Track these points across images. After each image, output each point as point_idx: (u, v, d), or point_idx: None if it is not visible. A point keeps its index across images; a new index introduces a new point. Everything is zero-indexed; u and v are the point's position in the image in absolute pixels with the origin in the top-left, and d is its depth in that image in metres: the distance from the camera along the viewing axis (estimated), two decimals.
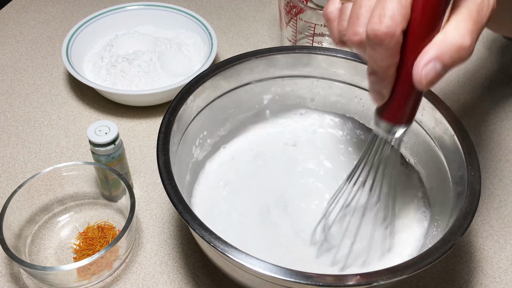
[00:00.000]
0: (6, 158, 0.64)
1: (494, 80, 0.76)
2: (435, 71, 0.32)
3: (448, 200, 0.46)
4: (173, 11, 0.80)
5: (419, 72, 0.32)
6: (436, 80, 0.32)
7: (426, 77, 0.32)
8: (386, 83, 0.35)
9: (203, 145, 0.55)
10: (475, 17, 0.32)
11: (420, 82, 0.32)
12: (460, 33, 0.31)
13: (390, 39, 0.32)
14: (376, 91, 0.36)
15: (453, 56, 0.31)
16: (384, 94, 0.36)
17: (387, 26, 0.31)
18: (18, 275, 0.52)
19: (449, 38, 0.31)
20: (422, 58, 0.32)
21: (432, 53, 0.32)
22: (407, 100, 0.36)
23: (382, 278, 0.36)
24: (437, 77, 0.32)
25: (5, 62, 0.78)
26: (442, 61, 0.31)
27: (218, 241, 0.38)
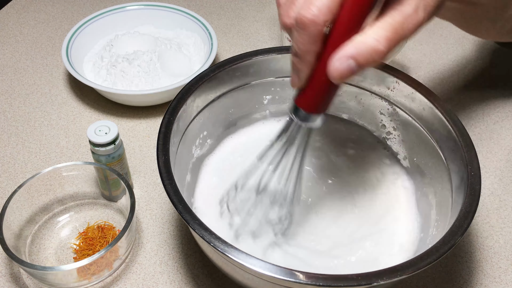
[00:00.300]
0: (6, 158, 0.64)
1: (494, 80, 0.76)
2: (348, 67, 0.35)
3: (448, 200, 0.46)
4: (173, 11, 0.80)
5: (333, 64, 0.35)
6: (348, 76, 0.35)
7: (338, 71, 0.35)
8: (304, 67, 0.38)
9: (203, 145, 0.55)
10: (396, 28, 0.34)
11: (332, 74, 0.35)
12: (377, 38, 0.34)
13: (313, 26, 0.35)
14: (295, 72, 0.39)
15: (366, 57, 0.34)
16: (301, 77, 0.39)
17: (313, 14, 0.35)
18: (18, 275, 0.52)
19: (367, 40, 0.34)
20: (339, 53, 0.35)
21: (349, 50, 0.34)
22: (321, 90, 0.39)
23: (382, 278, 0.36)
24: (350, 73, 0.35)
25: (5, 62, 0.78)
26: (356, 59, 0.34)
27: (218, 241, 0.38)
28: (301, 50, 0.37)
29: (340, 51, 0.35)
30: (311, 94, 0.40)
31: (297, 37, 0.37)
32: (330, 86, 0.38)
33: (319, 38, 0.36)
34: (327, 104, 0.40)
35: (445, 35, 0.85)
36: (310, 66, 0.38)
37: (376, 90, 0.54)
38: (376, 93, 0.54)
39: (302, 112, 0.41)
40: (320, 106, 0.40)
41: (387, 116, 0.55)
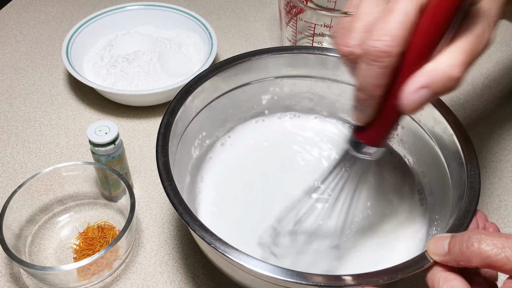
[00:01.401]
0: (6, 158, 0.64)
1: (494, 80, 0.76)
2: (423, 97, 0.33)
3: (448, 199, 0.46)
4: (173, 11, 0.80)
5: (409, 96, 0.33)
6: (421, 106, 0.33)
7: (414, 103, 0.33)
8: (371, 102, 0.35)
9: (202, 145, 0.55)
10: (469, 50, 0.33)
11: (407, 106, 0.33)
12: (452, 64, 0.32)
13: (387, 57, 0.32)
14: (360, 109, 0.37)
15: (442, 85, 0.32)
16: (368, 114, 0.37)
17: (387, 45, 0.32)
18: (18, 275, 0.52)
19: (441, 67, 0.32)
20: (413, 84, 0.33)
21: (422, 80, 0.32)
22: (388, 124, 0.37)
23: (382, 278, 0.36)
24: (423, 103, 0.33)
25: (5, 62, 0.78)
26: (432, 89, 0.32)
27: (219, 243, 0.38)
28: (370, 84, 0.34)
29: (411, 81, 0.33)
30: (376, 128, 0.37)
31: (367, 70, 0.33)
32: (397, 119, 0.37)
33: (391, 70, 0.33)
34: (389, 136, 0.39)
35: None
36: (377, 103, 0.35)
37: None
38: None
39: (363, 146, 0.39)
40: (384, 139, 0.39)
41: None
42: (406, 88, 0.33)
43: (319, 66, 0.55)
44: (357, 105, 0.37)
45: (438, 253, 0.36)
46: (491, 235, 0.33)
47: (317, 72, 0.56)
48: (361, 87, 0.35)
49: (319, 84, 0.57)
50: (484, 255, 0.33)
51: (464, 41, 0.33)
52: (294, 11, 0.70)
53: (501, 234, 0.33)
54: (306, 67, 0.55)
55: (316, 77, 0.56)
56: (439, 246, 0.36)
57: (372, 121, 0.37)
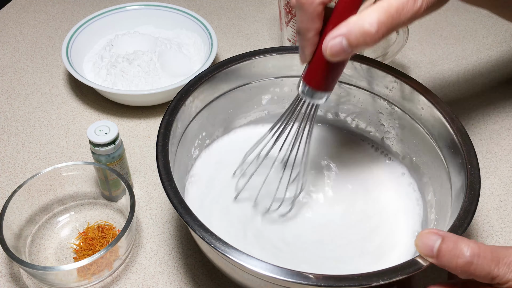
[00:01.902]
0: (6, 158, 0.64)
1: (494, 80, 0.76)
2: (340, 46, 0.36)
3: (448, 199, 0.46)
4: (173, 11, 0.80)
5: (327, 42, 0.37)
6: (341, 54, 0.37)
7: (331, 48, 0.37)
8: (307, 43, 0.41)
9: (202, 145, 0.55)
10: (391, 12, 0.36)
11: (325, 51, 0.37)
12: (370, 21, 0.36)
13: (309, 5, 0.38)
14: (300, 49, 0.42)
15: (358, 38, 0.36)
16: (306, 54, 0.42)
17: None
18: (18, 275, 0.52)
19: (360, 21, 0.36)
20: (333, 32, 0.37)
21: (342, 30, 0.36)
22: (323, 67, 0.41)
23: (382, 278, 0.36)
24: (342, 51, 0.37)
25: (5, 62, 0.78)
26: (348, 39, 0.36)
27: (219, 242, 0.38)
28: (301, 28, 0.40)
29: (334, 30, 0.37)
30: (315, 70, 0.42)
31: (298, 16, 0.40)
32: (331, 65, 0.40)
33: (316, 17, 0.39)
34: (331, 82, 0.43)
35: (445, 35, 0.85)
36: (312, 43, 0.40)
37: (375, 89, 0.54)
38: (375, 92, 0.54)
39: (309, 89, 0.43)
40: (324, 83, 0.42)
41: (386, 115, 0.55)
42: (329, 35, 0.37)
43: None
44: (299, 46, 0.42)
45: (427, 255, 0.37)
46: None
47: None
48: (297, 29, 0.41)
49: None
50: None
51: (389, 1, 0.36)
52: (294, 11, 0.70)
53: None
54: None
55: None
56: (428, 248, 0.37)
57: (312, 65, 0.42)
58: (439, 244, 0.36)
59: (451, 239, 0.36)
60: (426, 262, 0.37)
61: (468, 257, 0.35)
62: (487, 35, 0.85)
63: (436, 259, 0.36)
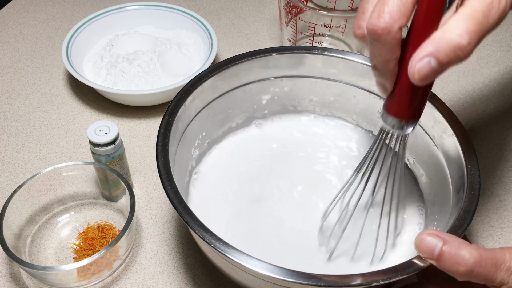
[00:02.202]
0: (6, 158, 0.64)
1: (494, 80, 0.76)
2: (429, 67, 0.32)
3: (448, 199, 0.46)
4: (173, 11, 0.80)
5: (413, 66, 0.32)
6: (431, 76, 0.32)
7: (419, 72, 0.32)
8: (387, 77, 0.36)
9: (202, 145, 0.55)
10: (478, 18, 0.31)
11: (413, 76, 0.33)
12: (458, 32, 0.31)
13: (387, 34, 0.33)
14: (379, 83, 0.38)
15: (449, 54, 0.31)
16: (387, 87, 0.37)
17: (385, 22, 0.32)
18: (18, 275, 0.52)
19: (447, 36, 0.31)
20: (418, 53, 0.32)
21: (428, 49, 0.32)
22: (409, 95, 0.37)
23: (382, 278, 0.36)
24: (432, 73, 0.32)
25: (5, 62, 0.78)
26: (437, 58, 0.31)
27: (219, 242, 0.38)
28: (379, 61, 0.35)
29: (419, 51, 0.32)
30: (401, 100, 0.38)
31: (373, 49, 0.35)
32: (417, 90, 0.37)
33: (396, 45, 0.34)
34: (421, 107, 0.39)
35: None
36: (393, 75, 0.36)
37: (374, 89, 0.54)
38: (375, 92, 0.54)
39: (397, 121, 0.39)
40: (413, 111, 0.39)
41: None
42: (413, 57, 0.33)
43: (319, 66, 0.55)
44: (376, 80, 0.38)
45: (427, 257, 0.37)
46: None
47: (317, 72, 0.56)
48: (373, 64, 0.36)
49: (319, 84, 0.57)
50: None
51: (473, 7, 0.31)
52: (294, 11, 0.70)
53: None
54: (306, 67, 0.55)
55: (316, 77, 0.56)
56: (428, 251, 0.36)
57: (396, 94, 0.38)
58: (440, 248, 0.36)
59: (452, 243, 0.36)
60: (425, 263, 0.37)
61: (470, 265, 0.35)
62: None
63: (436, 263, 0.36)
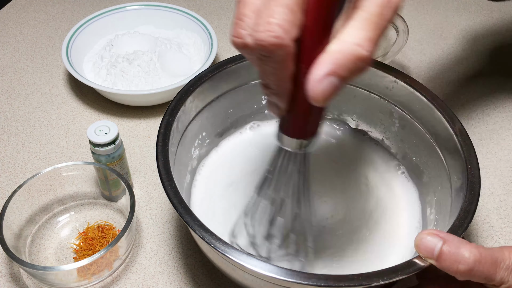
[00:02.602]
0: (6, 158, 0.64)
1: (494, 80, 0.76)
2: (331, 86, 0.28)
3: (448, 199, 0.46)
4: (173, 11, 0.80)
5: (315, 88, 0.28)
6: (334, 95, 0.29)
7: (324, 94, 0.28)
8: (281, 96, 0.32)
9: (202, 145, 0.55)
10: (376, 22, 0.28)
11: (317, 98, 0.28)
12: (358, 42, 0.27)
13: (280, 50, 0.28)
14: (272, 105, 0.33)
15: (351, 68, 0.28)
16: (281, 107, 0.33)
17: (276, 36, 0.27)
18: (18, 275, 0.52)
19: (346, 48, 0.27)
20: (316, 73, 0.28)
21: (326, 67, 0.28)
22: (307, 114, 0.33)
23: (382, 278, 0.36)
24: (335, 91, 0.28)
25: (5, 62, 0.78)
26: (339, 75, 0.28)
27: (219, 242, 0.38)
28: (273, 81, 0.30)
29: (317, 69, 0.28)
30: (296, 121, 0.34)
31: (263, 66, 0.29)
32: (315, 108, 0.32)
33: (290, 60, 0.29)
34: (318, 124, 0.35)
35: (445, 35, 0.85)
36: (288, 94, 0.31)
37: (374, 89, 0.54)
38: (375, 92, 0.54)
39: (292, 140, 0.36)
40: (314, 129, 0.35)
41: (386, 115, 0.55)
42: (312, 77, 0.28)
43: None
44: (268, 100, 0.33)
45: (427, 257, 0.37)
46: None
47: None
48: (264, 83, 0.31)
49: None
50: None
51: (369, 9, 0.28)
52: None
53: None
54: None
55: None
56: (428, 250, 0.37)
57: (292, 115, 0.34)
58: (440, 247, 0.36)
59: (452, 242, 0.36)
60: (425, 263, 0.37)
61: (470, 264, 0.35)
62: (487, 35, 0.84)
63: (436, 262, 0.36)
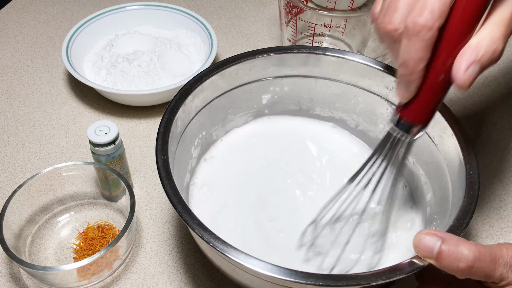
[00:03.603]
0: (6, 158, 0.64)
1: (494, 80, 0.76)
2: (474, 73, 0.35)
3: (447, 199, 0.46)
4: (173, 11, 0.80)
5: (462, 74, 0.35)
6: (474, 81, 0.36)
7: (469, 79, 0.35)
8: (413, 77, 0.37)
9: (202, 145, 0.55)
10: (506, 23, 0.35)
11: (464, 84, 0.35)
12: (494, 39, 0.35)
13: (427, 31, 0.34)
14: (403, 85, 0.38)
15: (488, 59, 0.35)
16: (411, 89, 0.38)
17: (426, 19, 0.34)
18: (18, 275, 0.52)
19: (485, 42, 0.34)
20: (462, 61, 0.35)
21: (471, 56, 0.34)
22: (432, 99, 0.38)
23: (381, 278, 0.36)
24: (475, 77, 0.35)
25: (5, 62, 0.78)
26: (481, 63, 0.35)
27: (218, 241, 0.38)
28: (413, 59, 0.36)
29: (462, 59, 0.35)
30: (421, 104, 0.38)
31: (408, 44, 0.35)
32: (442, 95, 0.38)
33: (431, 44, 0.35)
34: (434, 112, 0.39)
35: None
36: (420, 77, 0.37)
37: (375, 89, 0.54)
38: (375, 92, 0.54)
39: (407, 124, 0.39)
40: (429, 115, 0.39)
41: (385, 115, 0.55)
42: (459, 66, 0.35)
43: (319, 66, 0.55)
44: (400, 81, 0.38)
45: (426, 256, 0.37)
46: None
47: (317, 72, 0.56)
48: (403, 62, 0.36)
49: (319, 84, 0.57)
50: None
51: (502, 12, 0.35)
52: (294, 11, 0.70)
53: None
54: (306, 66, 0.55)
55: (316, 77, 0.56)
56: (428, 250, 0.37)
57: (418, 98, 0.38)
58: (439, 246, 0.36)
59: (451, 241, 0.36)
60: (424, 262, 0.37)
61: (470, 261, 0.35)
62: None
63: (436, 261, 0.36)
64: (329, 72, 0.55)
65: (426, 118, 0.39)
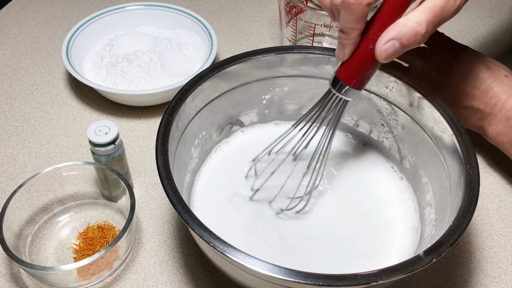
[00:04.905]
0: (6, 158, 0.64)
1: None
2: (393, 48, 0.40)
3: (447, 199, 0.46)
4: (173, 11, 0.80)
5: (381, 46, 0.40)
6: (393, 56, 0.40)
7: (386, 52, 0.40)
8: (349, 42, 0.42)
9: (202, 145, 0.55)
10: (436, 11, 0.39)
11: (380, 54, 0.40)
12: (418, 21, 0.39)
13: (357, 6, 0.40)
14: (341, 47, 0.43)
15: (409, 39, 0.39)
16: (346, 52, 0.43)
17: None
18: (18, 275, 0.52)
19: (410, 23, 0.39)
20: (385, 36, 0.40)
21: (393, 33, 0.39)
22: (361, 65, 0.43)
23: (381, 278, 0.36)
24: (395, 53, 0.40)
25: (5, 62, 0.78)
26: (400, 41, 0.39)
27: (217, 241, 0.38)
28: (346, 27, 0.42)
29: (385, 33, 0.40)
30: (352, 68, 0.44)
31: (343, 15, 0.41)
32: (370, 63, 0.43)
33: (362, 18, 0.40)
34: (365, 81, 0.45)
35: None
36: (354, 43, 0.42)
37: (374, 89, 0.54)
38: (375, 92, 0.54)
39: (341, 85, 0.45)
40: (358, 81, 0.44)
41: (386, 115, 0.55)
42: (380, 38, 0.40)
43: (319, 66, 0.55)
44: (339, 43, 0.43)
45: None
46: None
47: (317, 72, 0.56)
48: (341, 28, 0.42)
49: (319, 84, 0.57)
50: None
51: (434, 1, 0.39)
52: (294, 11, 0.70)
53: None
54: (306, 67, 0.55)
55: (316, 77, 0.56)
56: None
57: (350, 62, 0.44)
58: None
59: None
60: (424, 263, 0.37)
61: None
62: (487, 35, 0.84)
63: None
64: (329, 72, 0.55)
65: (355, 81, 0.44)
